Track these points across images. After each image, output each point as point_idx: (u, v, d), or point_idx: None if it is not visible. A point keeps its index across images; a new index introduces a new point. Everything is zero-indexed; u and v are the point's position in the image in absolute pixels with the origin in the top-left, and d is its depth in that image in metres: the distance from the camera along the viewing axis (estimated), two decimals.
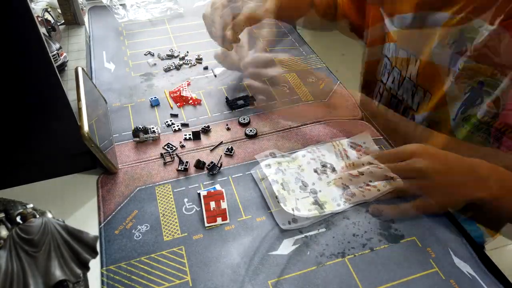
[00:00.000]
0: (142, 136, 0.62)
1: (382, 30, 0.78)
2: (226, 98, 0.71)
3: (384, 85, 0.80)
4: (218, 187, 0.55)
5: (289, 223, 0.50)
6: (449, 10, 0.61)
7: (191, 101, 0.71)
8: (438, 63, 0.65)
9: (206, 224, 0.51)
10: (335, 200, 0.53)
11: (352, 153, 0.60)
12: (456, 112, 0.63)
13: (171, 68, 0.79)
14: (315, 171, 0.57)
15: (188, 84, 0.75)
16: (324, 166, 0.58)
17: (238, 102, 0.70)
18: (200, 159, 0.58)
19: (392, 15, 0.72)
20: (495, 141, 0.58)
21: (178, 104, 0.70)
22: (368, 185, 0.55)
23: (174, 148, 0.61)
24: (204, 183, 0.56)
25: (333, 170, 0.57)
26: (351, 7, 0.85)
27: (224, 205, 0.53)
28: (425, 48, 0.67)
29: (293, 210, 0.50)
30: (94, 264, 0.45)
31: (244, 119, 0.67)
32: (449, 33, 0.61)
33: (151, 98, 0.70)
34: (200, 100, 0.71)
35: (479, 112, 0.59)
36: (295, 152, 0.60)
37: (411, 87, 0.73)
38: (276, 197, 0.52)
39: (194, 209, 0.53)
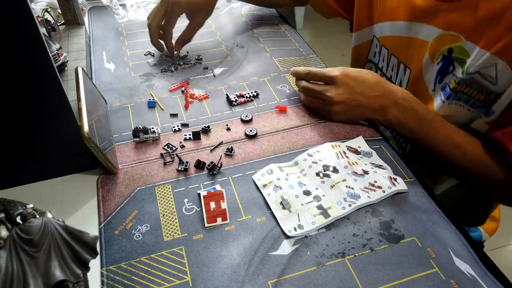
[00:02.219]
0: (142, 136, 0.62)
1: (369, 34, 0.79)
2: (227, 95, 0.71)
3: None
4: (218, 187, 0.55)
5: (295, 229, 0.50)
6: (440, 25, 0.61)
7: (195, 97, 0.71)
8: (427, 78, 0.67)
9: (206, 225, 0.51)
10: (340, 203, 0.52)
11: (351, 155, 0.60)
12: (434, 82, 0.65)
13: (171, 68, 0.79)
14: (317, 174, 0.56)
15: (187, 84, 0.75)
16: (326, 169, 0.57)
17: (238, 100, 0.70)
18: (200, 159, 0.58)
19: (384, 20, 0.73)
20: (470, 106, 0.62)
21: (185, 103, 0.70)
22: (372, 185, 0.55)
23: (174, 148, 0.61)
24: (204, 183, 0.56)
25: (335, 170, 0.57)
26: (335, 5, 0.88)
27: (224, 205, 0.53)
28: (416, 59, 0.68)
29: (295, 229, 0.50)
30: (94, 264, 0.45)
31: (246, 116, 0.67)
32: (439, 49, 0.62)
33: (149, 100, 0.70)
34: (208, 95, 0.72)
35: (451, 80, 0.62)
36: (296, 157, 0.60)
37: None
38: (281, 203, 0.52)
39: (194, 209, 0.53)
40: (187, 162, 0.59)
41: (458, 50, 0.59)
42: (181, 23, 0.81)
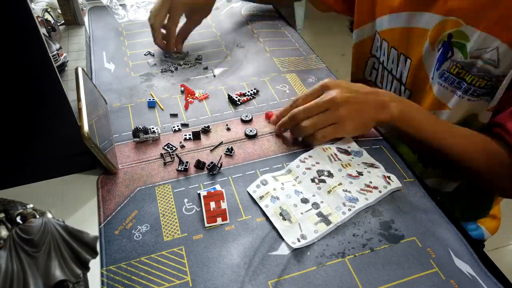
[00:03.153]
0: (142, 136, 0.62)
1: (371, 29, 0.80)
2: (228, 95, 0.71)
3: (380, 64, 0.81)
4: (218, 187, 0.55)
5: (299, 240, 0.49)
6: (440, 11, 0.61)
7: (195, 97, 0.71)
8: (427, 66, 0.66)
9: (206, 225, 0.51)
10: (339, 209, 0.52)
11: (343, 156, 0.59)
12: (433, 70, 0.65)
13: (171, 68, 0.79)
14: (313, 180, 0.56)
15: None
16: (321, 174, 0.56)
17: (240, 99, 0.71)
18: (200, 159, 0.58)
19: (384, 14, 0.73)
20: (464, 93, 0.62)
21: (185, 103, 0.70)
22: (368, 186, 0.55)
23: (174, 148, 0.61)
24: (204, 183, 0.56)
25: (330, 174, 0.56)
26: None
27: (224, 205, 0.53)
28: (416, 49, 0.68)
29: (298, 240, 0.49)
30: (94, 264, 0.45)
31: (246, 116, 0.67)
32: (439, 35, 0.62)
33: (149, 100, 0.70)
34: (208, 95, 0.72)
35: (449, 65, 0.62)
36: (288, 164, 0.59)
37: (400, 88, 0.75)
38: (281, 214, 0.51)
39: (194, 209, 0.53)
40: (187, 162, 0.59)
41: (457, 35, 0.59)
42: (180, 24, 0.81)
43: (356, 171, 0.57)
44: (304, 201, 0.53)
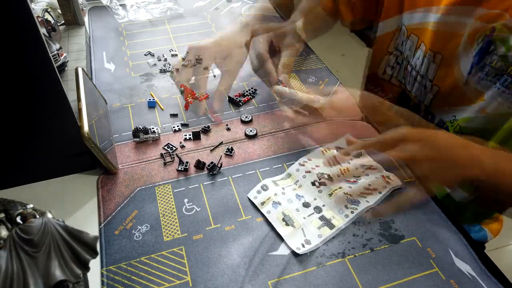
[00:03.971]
0: (142, 137, 0.62)
1: (396, 22, 0.76)
2: (229, 97, 0.71)
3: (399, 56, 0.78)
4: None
5: (303, 245, 0.48)
6: (485, 5, 0.59)
7: (195, 97, 0.71)
8: (463, 62, 0.63)
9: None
10: (341, 212, 0.52)
11: (342, 159, 0.59)
12: (471, 65, 0.61)
13: (171, 68, 0.79)
14: (313, 183, 0.55)
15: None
16: (321, 177, 0.56)
17: (240, 99, 0.71)
18: (200, 159, 0.58)
19: (416, 8, 0.70)
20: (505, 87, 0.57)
21: (185, 103, 0.70)
22: (368, 189, 0.55)
23: (174, 148, 0.61)
24: (204, 183, 0.56)
25: (330, 178, 0.56)
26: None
27: None
28: (451, 44, 0.65)
29: (302, 245, 0.48)
30: (94, 264, 0.45)
31: (246, 117, 0.67)
32: (481, 29, 0.59)
33: (149, 100, 0.70)
34: (208, 95, 0.72)
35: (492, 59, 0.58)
36: (288, 169, 0.58)
37: (426, 84, 0.71)
38: (283, 219, 0.51)
39: (194, 209, 0.53)
40: (187, 162, 0.59)
41: (501, 29, 0.57)
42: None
43: (354, 176, 0.56)
44: (306, 205, 0.53)
